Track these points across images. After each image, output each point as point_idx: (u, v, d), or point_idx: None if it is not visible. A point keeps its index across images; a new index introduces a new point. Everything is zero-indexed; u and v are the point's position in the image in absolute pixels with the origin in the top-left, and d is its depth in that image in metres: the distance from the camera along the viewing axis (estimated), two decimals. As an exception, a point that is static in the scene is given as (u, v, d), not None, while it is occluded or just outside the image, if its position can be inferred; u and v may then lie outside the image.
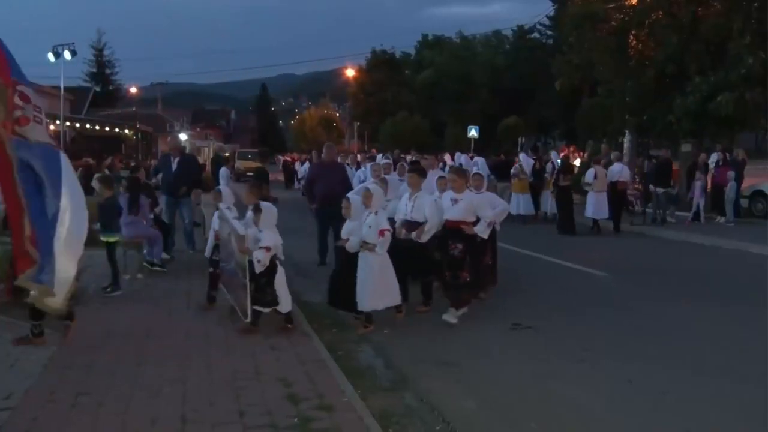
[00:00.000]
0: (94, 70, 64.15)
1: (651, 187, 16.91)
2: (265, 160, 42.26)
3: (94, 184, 8.84)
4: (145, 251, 9.64)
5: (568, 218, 15.24)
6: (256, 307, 6.53)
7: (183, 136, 45.70)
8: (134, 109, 45.41)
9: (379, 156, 17.32)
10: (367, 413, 4.61)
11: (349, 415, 4.59)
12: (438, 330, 7.11)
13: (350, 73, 58.97)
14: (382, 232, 6.78)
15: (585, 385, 5.55)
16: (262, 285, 6.51)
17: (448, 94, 49.96)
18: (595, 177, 15.49)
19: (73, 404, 4.73)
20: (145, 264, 9.52)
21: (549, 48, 45.55)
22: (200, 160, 15.11)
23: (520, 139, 39.65)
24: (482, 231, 7.39)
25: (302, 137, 71.36)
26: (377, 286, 6.83)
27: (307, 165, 21.60)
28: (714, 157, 17.63)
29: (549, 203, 17.29)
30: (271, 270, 6.54)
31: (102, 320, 7.00)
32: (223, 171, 16.16)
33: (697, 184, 15.20)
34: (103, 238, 8.40)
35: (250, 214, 6.91)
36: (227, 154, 29.25)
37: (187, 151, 11.40)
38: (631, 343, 6.74)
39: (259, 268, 6.42)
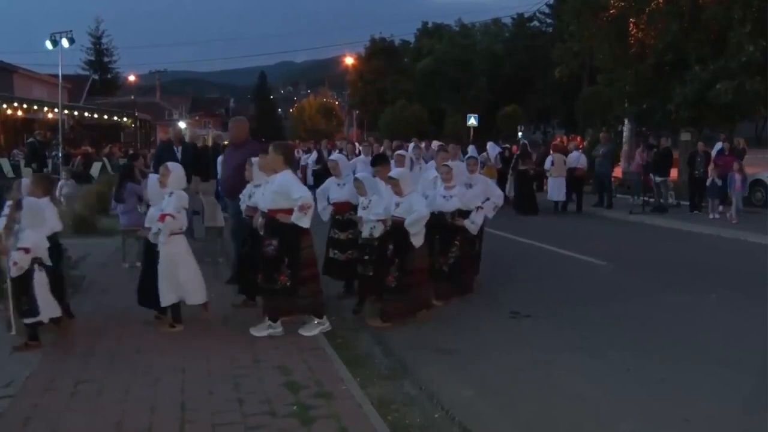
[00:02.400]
0: (93, 58, 63.99)
1: (651, 175, 17.00)
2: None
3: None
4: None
5: (527, 199, 17.02)
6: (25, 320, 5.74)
7: (182, 125, 45.61)
8: (132, 97, 45.27)
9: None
10: (366, 401, 4.63)
11: (348, 402, 4.60)
12: (437, 318, 7.12)
13: (349, 61, 58.75)
14: (162, 217, 6.10)
15: (583, 373, 5.57)
16: (16, 291, 5.73)
17: (447, 83, 49.84)
18: (553, 164, 17.25)
19: (72, 392, 4.75)
20: None
21: (548, 36, 45.43)
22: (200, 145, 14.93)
23: (519, 127, 39.60)
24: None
25: (301, 125, 71.12)
26: (177, 278, 6.19)
27: (314, 155, 20.47)
28: (718, 147, 17.48)
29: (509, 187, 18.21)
30: (27, 275, 5.71)
31: (101, 309, 7.02)
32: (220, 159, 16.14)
33: (737, 177, 14.84)
34: None
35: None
36: (226, 142, 29.17)
37: (186, 139, 11.14)
38: (630, 332, 6.76)
39: (14, 272, 5.66)
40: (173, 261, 6.18)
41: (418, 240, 6.72)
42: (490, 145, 19.59)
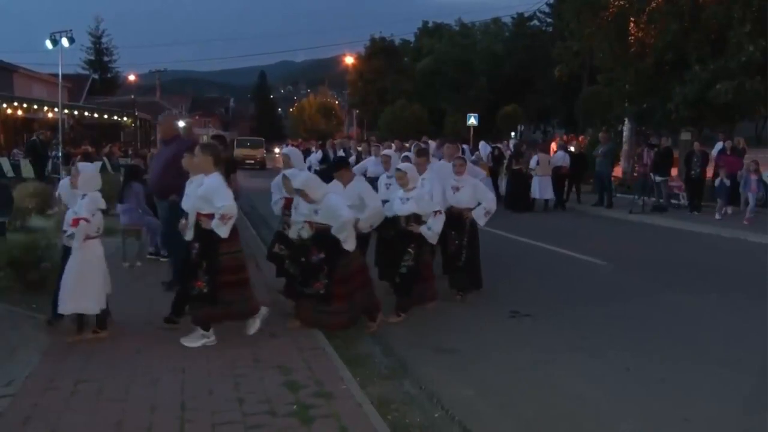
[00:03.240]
0: (92, 58, 63.92)
1: (651, 175, 17.00)
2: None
3: None
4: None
5: (521, 197, 17.47)
6: None
7: (181, 124, 45.58)
8: (132, 96, 45.22)
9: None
10: (366, 400, 4.63)
11: (348, 402, 4.60)
12: (437, 318, 7.13)
13: (349, 60, 58.74)
14: (75, 222, 5.78)
15: (583, 373, 5.57)
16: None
17: (447, 82, 49.82)
18: (538, 163, 17.72)
19: (72, 391, 4.75)
20: (149, 256, 9.51)
21: (548, 36, 45.41)
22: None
23: (519, 126, 39.59)
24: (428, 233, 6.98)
25: (301, 125, 71.16)
26: (83, 287, 5.82)
27: (319, 154, 19.39)
28: (719, 146, 17.41)
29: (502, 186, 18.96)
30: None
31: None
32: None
33: (753, 177, 14.71)
34: None
35: None
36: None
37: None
38: (630, 332, 6.76)
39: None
40: (84, 268, 5.81)
41: (349, 245, 6.27)
42: (481, 144, 20.33)
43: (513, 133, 24.34)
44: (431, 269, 7.29)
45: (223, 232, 5.65)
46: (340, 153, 17.15)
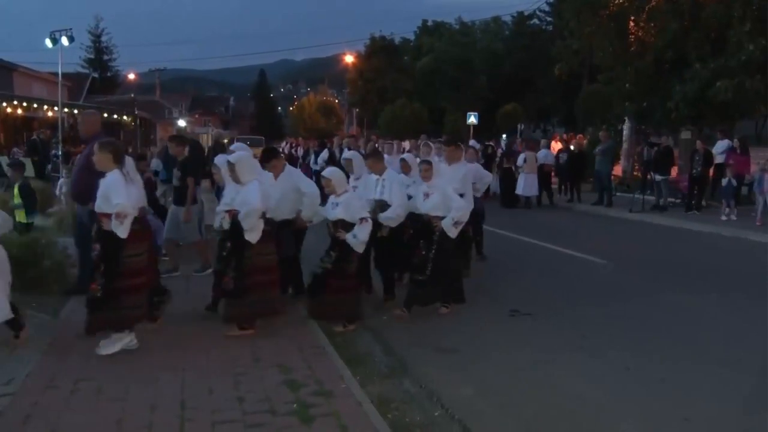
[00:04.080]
0: (92, 57, 63.86)
1: (651, 174, 16.98)
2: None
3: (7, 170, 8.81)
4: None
5: (510, 194, 18.09)
6: None
7: (181, 123, 45.57)
8: (132, 95, 45.19)
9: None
10: (366, 399, 4.63)
11: (348, 401, 4.60)
12: (436, 317, 7.13)
13: (349, 59, 58.70)
14: None
15: (583, 372, 5.57)
16: None
17: (447, 81, 49.80)
18: (525, 161, 18.11)
19: (72, 390, 4.75)
20: None
21: (548, 34, 45.41)
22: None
23: (519, 125, 39.57)
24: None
25: (301, 124, 71.08)
26: None
27: (326, 154, 18.38)
28: (722, 146, 17.27)
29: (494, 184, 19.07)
30: None
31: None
32: (219, 157, 15.99)
33: (766, 177, 14.56)
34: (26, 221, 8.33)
35: None
36: (226, 140, 29.11)
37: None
38: (630, 332, 6.76)
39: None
40: None
41: (252, 236, 5.96)
42: (472, 142, 20.52)
43: (504, 135, 24.32)
44: (354, 280, 6.69)
45: (122, 232, 5.35)
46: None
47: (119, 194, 5.37)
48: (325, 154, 19.05)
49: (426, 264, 6.99)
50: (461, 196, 7.55)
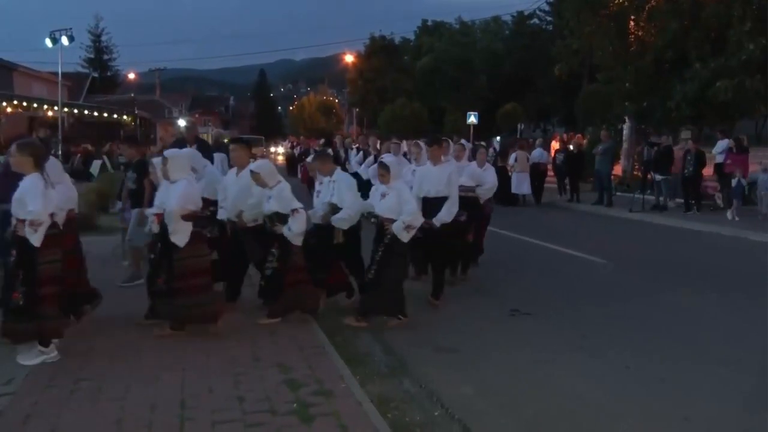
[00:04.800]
0: (92, 56, 63.90)
1: (651, 174, 16.99)
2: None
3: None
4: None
5: (506, 192, 17.79)
6: None
7: (181, 122, 45.53)
8: (132, 95, 45.21)
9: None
10: (366, 399, 4.63)
11: (348, 400, 4.60)
12: (437, 316, 7.13)
13: (349, 59, 58.69)
14: None
15: (583, 372, 5.57)
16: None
17: (447, 81, 49.78)
18: (516, 160, 18.58)
19: (72, 390, 4.75)
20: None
21: (548, 34, 45.38)
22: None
23: (519, 125, 39.56)
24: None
25: (301, 123, 71.16)
26: None
27: (360, 156, 15.66)
28: (722, 145, 17.26)
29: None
30: None
31: (101, 307, 6.99)
32: (217, 156, 15.94)
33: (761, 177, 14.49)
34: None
35: None
36: (226, 140, 29.14)
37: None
38: (629, 331, 6.76)
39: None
40: None
41: (179, 238, 5.82)
42: (463, 142, 20.47)
43: (498, 137, 24.26)
44: (305, 272, 6.55)
45: (35, 240, 5.15)
46: (360, 156, 15.31)
47: (35, 200, 5.16)
48: (360, 155, 18.49)
49: (371, 266, 6.73)
50: (446, 198, 7.39)
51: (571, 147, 20.54)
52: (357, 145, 16.59)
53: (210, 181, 7.34)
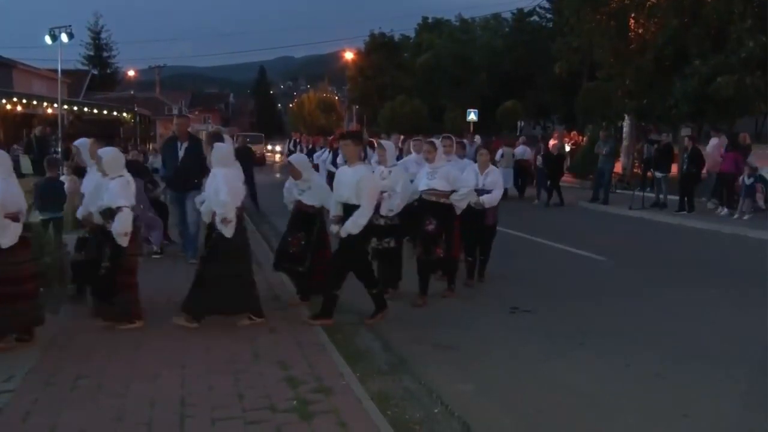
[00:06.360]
0: (92, 53, 63.79)
1: (651, 171, 16.98)
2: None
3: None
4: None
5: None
6: None
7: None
8: (132, 92, 45.18)
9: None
10: (366, 396, 4.63)
11: (348, 397, 4.61)
12: (436, 313, 7.13)
13: (349, 56, 58.61)
14: None
15: (583, 369, 5.58)
16: None
17: (447, 78, 49.75)
18: (503, 156, 19.20)
19: (72, 387, 4.75)
20: (154, 256, 9.48)
21: (548, 32, 45.31)
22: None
23: (519, 123, 39.54)
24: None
25: (301, 121, 71.03)
26: None
27: (327, 154, 15.76)
28: (714, 143, 17.26)
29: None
30: None
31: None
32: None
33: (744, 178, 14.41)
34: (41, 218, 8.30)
35: None
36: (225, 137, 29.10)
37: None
38: (629, 328, 6.77)
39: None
40: None
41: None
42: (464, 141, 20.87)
43: (477, 136, 24.02)
44: (134, 276, 6.23)
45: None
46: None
47: None
48: (325, 154, 17.68)
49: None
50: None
51: (551, 148, 20.04)
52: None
53: None
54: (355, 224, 6.30)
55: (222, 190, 6.08)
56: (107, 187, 6.05)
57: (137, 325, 6.13)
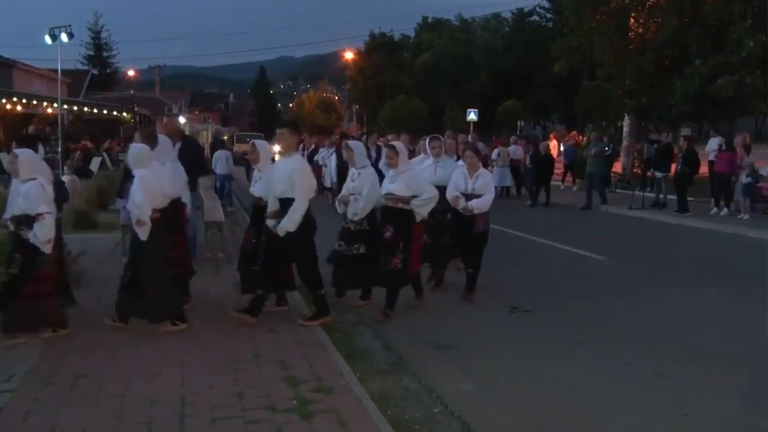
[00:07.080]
0: (92, 53, 63.82)
1: (651, 171, 16.96)
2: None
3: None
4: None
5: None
6: None
7: (182, 119, 45.50)
8: (132, 92, 45.20)
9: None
10: (366, 395, 4.63)
11: (348, 397, 4.61)
12: (436, 313, 7.13)
13: (349, 56, 58.65)
14: None
15: (583, 368, 5.57)
16: None
17: (447, 78, 49.82)
18: (499, 155, 20.05)
19: (72, 386, 4.75)
20: None
21: (548, 31, 45.39)
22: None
23: (519, 122, 39.58)
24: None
25: (301, 120, 71.03)
26: None
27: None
28: (714, 143, 17.24)
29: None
30: None
31: (101, 304, 7.00)
32: (219, 154, 15.95)
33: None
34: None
35: None
36: (226, 137, 29.11)
37: (186, 133, 10.54)
38: (629, 327, 6.77)
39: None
40: None
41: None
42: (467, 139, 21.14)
43: (470, 135, 23.88)
44: (49, 283, 5.85)
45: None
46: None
47: None
48: (325, 154, 17.81)
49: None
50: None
51: (540, 149, 19.84)
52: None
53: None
54: (290, 221, 6.08)
55: (137, 193, 5.95)
56: (20, 191, 5.70)
57: (63, 333, 5.88)
